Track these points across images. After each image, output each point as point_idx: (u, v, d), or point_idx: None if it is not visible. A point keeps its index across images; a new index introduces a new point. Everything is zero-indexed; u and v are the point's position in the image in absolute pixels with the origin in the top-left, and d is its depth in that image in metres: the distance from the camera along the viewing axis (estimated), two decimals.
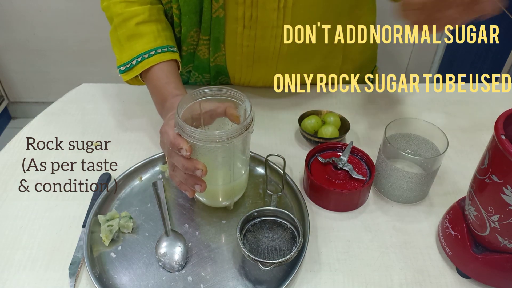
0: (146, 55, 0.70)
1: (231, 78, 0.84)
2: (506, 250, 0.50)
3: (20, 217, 0.63)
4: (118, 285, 0.54)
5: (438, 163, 0.61)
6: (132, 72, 0.70)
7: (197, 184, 0.55)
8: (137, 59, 0.70)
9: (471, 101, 0.86)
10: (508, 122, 0.46)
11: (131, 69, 0.70)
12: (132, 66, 0.70)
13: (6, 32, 1.92)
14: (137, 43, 0.70)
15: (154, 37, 0.71)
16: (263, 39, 0.74)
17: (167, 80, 0.69)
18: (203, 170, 0.53)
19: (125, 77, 0.72)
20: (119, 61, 0.72)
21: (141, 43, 0.70)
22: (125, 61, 0.71)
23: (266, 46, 0.75)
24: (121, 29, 0.71)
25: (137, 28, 0.71)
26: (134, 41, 0.71)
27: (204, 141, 0.52)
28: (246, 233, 0.56)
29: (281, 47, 0.75)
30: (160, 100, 0.68)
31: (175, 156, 0.55)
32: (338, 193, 0.62)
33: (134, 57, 0.70)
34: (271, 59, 0.77)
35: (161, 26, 0.73)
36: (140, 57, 0.70)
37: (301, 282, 0.55)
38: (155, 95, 0.70)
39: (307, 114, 0.76)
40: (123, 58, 0.71)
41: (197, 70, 0.84)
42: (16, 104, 2.21)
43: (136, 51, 0.70)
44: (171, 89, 0.67)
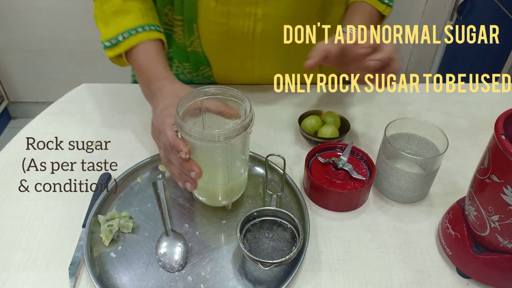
0: (133, 31, 0.68)
1: (212, 66, 0.82)
2: (506, 250, 0.50)
3: (20, 217, 0.63)
4: (118, 285, 0.54)
5: (438, 163, 0.61)
6: (118, 49, 0.69)
7: (188, 182, 0.56)
8: (124, 35, 0.68)
9: (471, 101, 0.86)
10: (508, 122, 0.46)
11: (116, 45, 0.68)
12: (118, 42, 0.68)
13: (6, 32, 1.92)
14: (124, 19, 0.69)
15: (142, 15, 0.70)
16: (237, 17, 0.72)
17: (154, 60, 0.67)
18: (198, 172, 0.54)
19: (109, 53, 0.70)
20: (104, 36, 0.70)
21: (128, 19, 0.69)
22: (110, 36, 0.69)
23: (240, 25, 0.73)
24: (107, 3, 0.70)
25: (124, 4, 0.69)
26: (121, 17, 0.69)
27: (203, 140, 0.52)
28: (246, 233, 0.56)
29: (255, 26, 0.73)
30: (146, 81, 0.66)
31: (173, 155, 0.55)
32: (338, 193, 0.62)
33: (120, 33, 0.68)
34: (246, 39, 0.75)
35: (148, 5, 0.72)
36: (126, 33, 0.68)
37: (301, 282, 0.55)
38: (141, 75, 0.68)
39: (307, 114, 0.76)
40: (109, 33, 0.69)
41: (177, 58, 0.83)
42: (16, 104, 2.21)
43: (123, 27, 0.68)
44: (157, 70, 0.66)
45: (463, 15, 1.65)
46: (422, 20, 1.89)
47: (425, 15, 1.88)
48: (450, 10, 1.71)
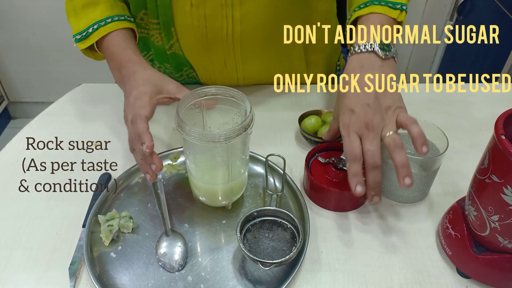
0: (102, 22, 0.69)
1: (195, 68, 0.82)
2: (506, 250, 0.50)
3: (20, 217, 0.63)
4: (118, 285, 0.54)
5: (438, 163, 0.61)
6: (89, 40, 0.69)
7: (148, 173, 0.58)
8: (93, 26, 0.69)
9: (471, 101, 0.86)
10: (508, 122, 0.46)
11: (87, 37, 0.69)
12: (89, 34, 0.69)
13: (6, 32, 1.92)
14: (93, 11, 0.70)
15: (111, 6, 0.71)
16: (214, 19, 0.72)
17: (124, 45, 0.68)
18: (158, 166, 0.57)
19: (81, 45, 0.70)
20: (75, 29, 0.71)
21: (97, 11, 0.70)
22: (81, 29, 0.70)
23: (218, 27, 0.73)
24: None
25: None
26: (90, 9, 0.70)
27: (203, 141, 0.52)
28: (246, 233, 0.56)
29: (234, 28, 0.73)
30: (117, 66, 0.67)
31: (138, 145, 0.57)
32: (338, 193, 0.61)
33: (90, 25, 0.69)
34: (226, 41, 0.75)
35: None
36: (96, 24, 0.69)
37: (301, 282, 0.55)
38: (112, 61, 0.68)
39: (307, 114, 0.76)
40: (79, 27, 0.70)
41: (157, 59, 0.83)
42: (16, 104, 2.21)
43: (92, 19, 0.69)
44: (129, 55, 0.66)
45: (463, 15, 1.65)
46: (422, 20, 1.89)
47: (425, 15, 1.88)
48: (450, 10, 1.71)
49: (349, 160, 0.58)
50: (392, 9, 0.68)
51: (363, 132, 0.58)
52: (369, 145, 0.57)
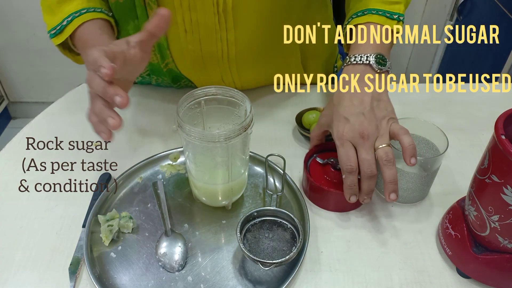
0: (77, 13, 0.66)
1: (192, 81, 0.82)
2: (506, 250, 0.50)
3: (20, 217, 0.63)
4: (118, 285, 0.54)
5: (438, 163, 0.61)
6: (63, 35, 0.66)
7: (110, 117, 0.49)
8: (68, 19, 0.66)
9: (471, 101, 0.86)
10: (508, 122, 0.46)
11: (62, 31, 0.66)
12: (63, 27, 0.66)
13: (6, 32, 1.92)
14: (69, 5, 0.67)
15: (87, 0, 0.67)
16: (209, 43, 0.71)
17: (100, 32, 0.65)
18: (124, 97, 0.47)
19: (56, 40, 0.68)
20: (49, 26, 0.68)
21: (73, 5, 0.67)
22: (55, 24, 0.67)
23: (213, 50, 0.72)
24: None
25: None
26: (65, 4, 0.67)
27: (203, 141, 0.52)
28: (246, 233, 0.56)
29: (229, 50, 0.73)
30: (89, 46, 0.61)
31: (96, 79, 0.49)
32: (337, 194, 0.61)
33: (64, 18, 0.66)
34: (222, 62, 0.75)
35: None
36: (70, 16, 0.66)
37: (301, 282, 0.55)
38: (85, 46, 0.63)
39: (304, 112, 0.76)
40: (54, 22, 0.67)
41: (154, 74, 0.82)
42: (16, 104, 2.21)
43: (66, 12, 0.66)
44: (104, 39, 0.63)
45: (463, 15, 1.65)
46: (422, 20, 1.89)
47: (425, 15, 1.88)
48: (450, 10, 1.71)
49: (345, 171, 0.58)
50: (390, 19, 0.68)
51: (358, 141, 0.58)
52: (365, 155, 0.57)
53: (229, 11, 0.67)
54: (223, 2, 0.66)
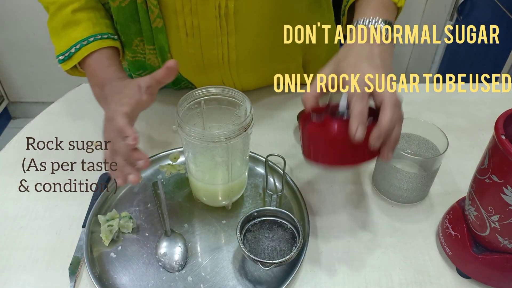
0: (84, 42, 0.66)
1: (193, 83, 0.82)
2: (506, 250, 0.50)
3: (20, 217, 0.63)
4: (118, 285, 0.54)
5: (438, 163, 0.61)
6: (71, 61, 0.67)
7: (132, 174, 0.52)
8: (76, 46, 0.66)
9: (471, 101, 0.86)
10: (508, 122, 0.46)
11: (70, 58, 0.67)
12: (71, 55, 0.66)
13: (6, 32, 1.92)
14: (74, 31, 0.67)
15: (93, 24, 0.68)
16: (209, 47, 0.71)
17: (108, 63, 0.66)
18: (146, 161, 0.51)
19: (65, 66, 0.68)
20: (57, 50, 0.68)
21: (79, 30, 0.67)
22: (63, 50, 0.67)
23: (213, 54, 0.72)
24: (57, 17, 0.68)
25: (74, 16, 0.67)
26: (71, 29, 0.67)
27: (203, 141, 0.52)
28: (246, 233, 0.56)
29: (229, 54, 0.73)
30: (99, 82, 0.63)
31: (121, 143, 0.52)
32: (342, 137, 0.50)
33: (72, 45, 0.66)
34: (222, 66, 0.75)
35: (99, 14, 0.70)
36: (78, 44, 0.66)
37: (301, 282, 0.55)
38: (94, 78, 0.65)
39: None
40: (61, 47, 0.67)
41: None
42: (16, 104, 2.21)
43: (74, 39, 0.66)
44: (112, 72, 0.64)
45: (463, 15, 1.65)
46: (422, 20, 1.89)
47: (425, 15, 1.88)
48: (450, 10, 1.71)
49: (354, 96, 0.50)
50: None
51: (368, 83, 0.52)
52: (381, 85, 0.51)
53: (231, 15, 0.67)
54: (224, 6, 0.66)
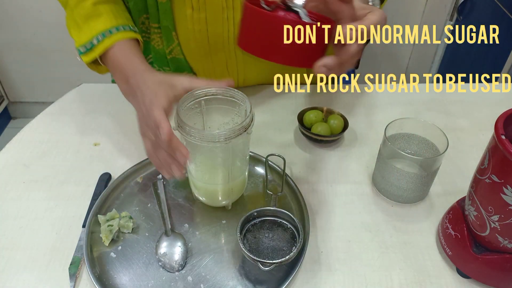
0: (107, 33, 0.66)
1: (196, 72, 0.81)
2: (506, 250, 0.50)
3: (20, 217, 0.63)
4: (118, 285, 0.54)
5: (438, 163, 0.61)
6: (93, 53, 0.66)
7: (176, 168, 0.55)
8: (98, 37, 0.66)
9: (471, 101, 0.86)
10: (508, 122, 0.46)
11: (91, 49, 0.66)
12: (93, 46, 0.66)
13: (6, 32, 1.92)
14: (96, 22, 0.67)
15: (114, 16, 0.68)
16: (215, 23, 0.71)
17: (131, 56, 0.65)
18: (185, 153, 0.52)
19: (86, 58, 0.68)
20: (78, 42, 0.68)
21: (101, 21, 0.66)
22: (84, 42, 0.67)
23: (219, 31, 0.72)
24: (78, 9, 0.68)
25: (95, 8, 0.67)
26: (93, 21, 0.67)
27: (203, 141, 0.52)
28: (246, 233, 0.56)
29: (235, 31, 0.72)
30: (124, 77, 0.63)
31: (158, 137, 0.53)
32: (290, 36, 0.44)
33: (94, 36, 0.66)
34: (227, 44, 0.74)
35: (120, 7, 0.70)
36: (100, 35, 0.66)
37: (301, 282, 0.55)
38: (118, 72, 0.65)
39: (304, 111, 0.76)
40: (82, 39, 0.67)
41: (156, 62, 0.82)
42: (16, 104, 2.21)
43: (96, 30, 0.66)
44: (136, 64, 0.63)
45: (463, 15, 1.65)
46: (422, 20, 1.89)
47: (425, 15, 1.88)
48: (450, 10, 1.71)
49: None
50: None
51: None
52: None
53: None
54: None
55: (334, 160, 0.72)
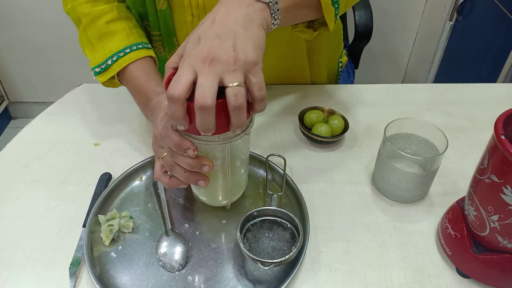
0: (121, 53, 0.67)
1: None
2: (506, 250, 0.50)
3: (20, 217, 0.63)
4: (119, 284, 0.54)
5: (438, 163, 0.61)
6: (108, 73, 0.68)
7: (200, 180, 0.54)
8: (112, 58, 0.67)
9: (471, 101, 0.86)
10: (508, 122, 0.46)
11: (106, 70, 0.68)
12: (108, 66, 0.67)
13: (6, 32, 1.92)
14: (110, 42, 0.68)
15: (127, 35, 0.69)
16: None
17: (147, 78, 0.66)
18: (210, 165, 0.52)
19: (101, 78, 0.69)
20: (93, 62, 0.69)
21: (114, 41, 0.68)
22: (99, 62, 0.68)
23: None
24: (91, 29, 0.69)
25: (108, 27, 0.68)
26: (106, 40, 0.68)
27: (202, 141, 0.52)
28: (246, 233, 0.56)
29: None
30: (143, 100, 0.66)
31: (179, 157, 0.52)
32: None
33: (108, 57, 0.67)
34: None
35: (132, 23, 0.71)
36: (115, 56, 0.67)
37: (301, 282, 0.55)
38: (137, 95, 0.68)
39: (307, 110, 0.76)
40: (97, 59, 0.68)
41: (160, 70, 0.81)
42: (16, 104, 2.21)
43: (110, 50, 0.67)
44: (152, 87, 0.65)
45: (462, 15, 1.65)
46: (422, 21, 1.89)
47: (425, 15, 1.88)
48: (450, 10, 1.71)
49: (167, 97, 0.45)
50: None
51: (199, 67, 0.44)
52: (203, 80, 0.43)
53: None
54: None
55: (334, 160, 0.72)
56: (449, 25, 1.73)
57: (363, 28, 1.25)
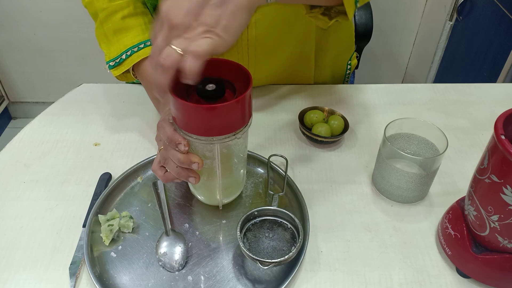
0: (135, 48, 0.68)
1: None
2: (506, 250, 0.50)
3: (20, 217, 0.63)
4: (119, 284, 0.54)
5: (438, 163, 0.61)
6: (122, 67, 0.69)
7: (191, 176, 0.55)
8: (127, 53, 0.68)
9: (471, 101, 0.86)
10: (508, 122, 0.46)
11: (120, 64, 0.69)
12: (122, 61, 0.69)
13: (6, 32, 1.92)
14: (125, 37, 0.69)
15: (142, 30, 0.70)
16: None
17: None
18: (199, 163, 0.53)
19: (115, 72, 0.71)
20: (108, 56, 0.71)
21: (129, 36, 0.69)
22: (113, 56, 0.69)
23: None
24: (107, 23, 0.70)
25: (124, 22, 0.69)
26: (122, 35, 0.69)
27: (201, 140, 0.52)
28: (246, 232, 0.56)
29: (249, 32, 0.73)
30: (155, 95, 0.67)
31: (171, 150, 0.54)
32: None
33: (123, 51, 0.69)
34: (241, 45, 0.75)
35: (147, 18, 0.72)
36: (129, 50, 0.68)
37: (301, 282, 0.55)
38: (150, 90, 0.69)
39: (306, 110, 0.76)
40: (112, 53, 0.70)
41: None
42: (16, 104, 2.21)
43: (124, 45, 0.69)
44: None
45: (462, 15, 1.65)
46: (421, 20, 1.89)
47: (425, 15, 1.88)
48: (450, 10, 1.71)
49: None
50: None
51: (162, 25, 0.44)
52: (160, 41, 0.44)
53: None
54: None
55: (334, 160, 0.72)
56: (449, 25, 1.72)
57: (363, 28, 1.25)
